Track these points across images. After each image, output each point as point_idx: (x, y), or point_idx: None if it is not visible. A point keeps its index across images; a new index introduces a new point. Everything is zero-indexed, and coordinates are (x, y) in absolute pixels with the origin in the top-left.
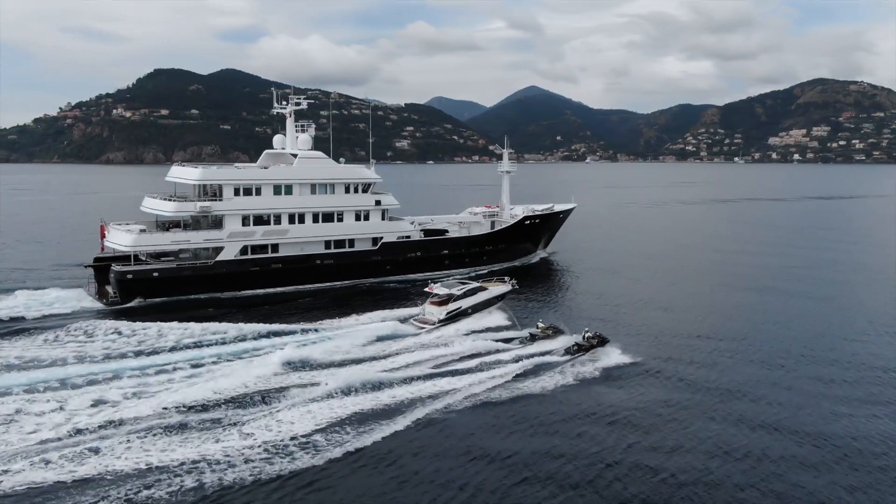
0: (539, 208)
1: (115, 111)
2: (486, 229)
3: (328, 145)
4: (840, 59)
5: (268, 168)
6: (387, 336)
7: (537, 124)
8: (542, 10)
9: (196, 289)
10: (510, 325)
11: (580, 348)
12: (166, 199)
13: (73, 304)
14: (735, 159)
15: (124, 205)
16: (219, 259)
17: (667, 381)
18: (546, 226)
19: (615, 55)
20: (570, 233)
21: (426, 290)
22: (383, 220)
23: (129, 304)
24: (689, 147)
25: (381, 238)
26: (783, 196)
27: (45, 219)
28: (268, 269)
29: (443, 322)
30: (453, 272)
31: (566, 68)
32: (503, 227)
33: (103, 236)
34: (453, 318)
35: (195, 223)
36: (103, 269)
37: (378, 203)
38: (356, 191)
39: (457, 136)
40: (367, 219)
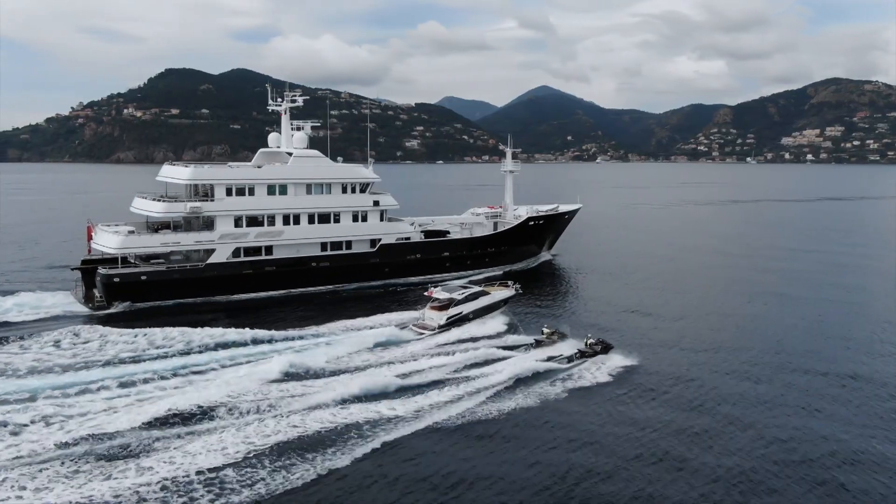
0: (543, 209)
1: (126, 111)
2: (489, 230)
3: (335, 144)
4: (855, 59)
5: (261, 167)
6: (384, 343)
7: (548, 124)
8: (553, 10)
9: (186, 292)
10: (513, 331)
11: (583, 355)
12: (156, 200)
13: (58, 308)
14: (747, 159)
15: (125, 204)
16: (210, 262)
17: (669, 393)
18: (550, 227)
19: (628, 55)
20: (576, 234)
21: (426, 294)
22: (382, 221)
23: (115, 308)
24: (701, 147)
25: (380, 240)
26: (798, 197)
27: (40, 219)
28: (261, 272)
29: (443, 328)
30: (454, 275)
31: (578, 68)
32: (506, 228)
33: (90, 238)
34: (454, 323)
35: (187, 224)
36: (91, 272)
37: (376, 203)
38: (353, 191)
39: (467, 136)
40: (364, 220)
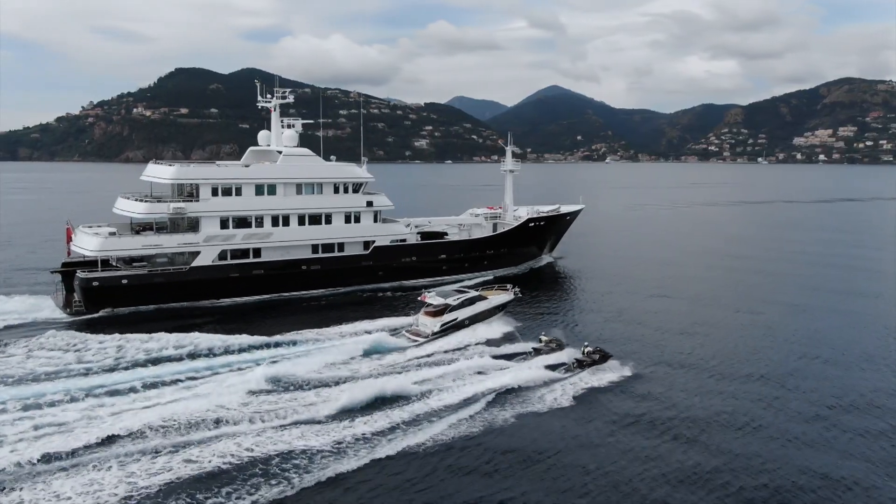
0: (544, 209)
1: (135, 110)
2: (488, 232)
3: (343, 144)
4: (868, 58)
5: (249, 166)
6: (374, 350)
7: (558, 124)
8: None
9: (170, 297)
10: (511, 339)
11: (580, 365)
12: (138, 200)
13: (35, 313)
14: (759, 160)
15: None
16: (194, 265)
17: (668, 409)
18: (552, 228)
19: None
20: (580, 236)
21: (419, 298)
22: (375, 222)
23: (95, 313)
24: (712, 147)
25: (374, 241)
26: (812, 198)
27: (33, 219)
28: (249, 276)
29: (437, 335)
30: (452, 278)
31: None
32: (506, 229)
33: (70, 240)
34: (449, 330)
35: (173, 226)
36: (72, 276)
37: (370, 204)
38: (346, 191)
39: (476, 136)
40: (357, 221)
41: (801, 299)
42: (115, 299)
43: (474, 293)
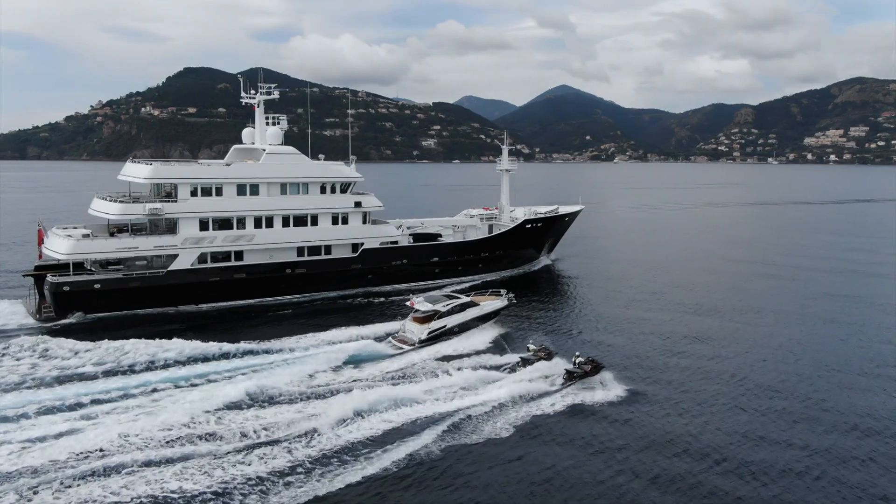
0: (542, 210)
1: (143, 109)
2: (484, 233)
3: (351, 144)
4: (880, 58)
5: (230, 165)
6: (357, 359)
7: (567, 123)
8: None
9: (146, 302)
10: (498, 348)
11: (571, 376)
12: (112, 200)
13: (3, 318)
14: (769, 160)
15: None
16: (172, 268)
17: (664, 432)
18: (550, 230)
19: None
20: (581, 237)
21: (407, 304)
22: (364, 223)
23: (65, 319)
24: (722, 147)
25: (362, 244)
26: (826, 199)
27: (11, 221)
28: (230, 280)
29: (424, 342)
30: (445, 282)
31: (598, 67)
32: (502, 231)
33: (41, 241)
34: (437, 337)
35: (153, 227)
36: (44, 280)
37: (358, 205)
38: (333, 191)
39: (484, 136)
40: (345, 222)
41: (811, 308)
42: (88, 305)
43: (465, 299)
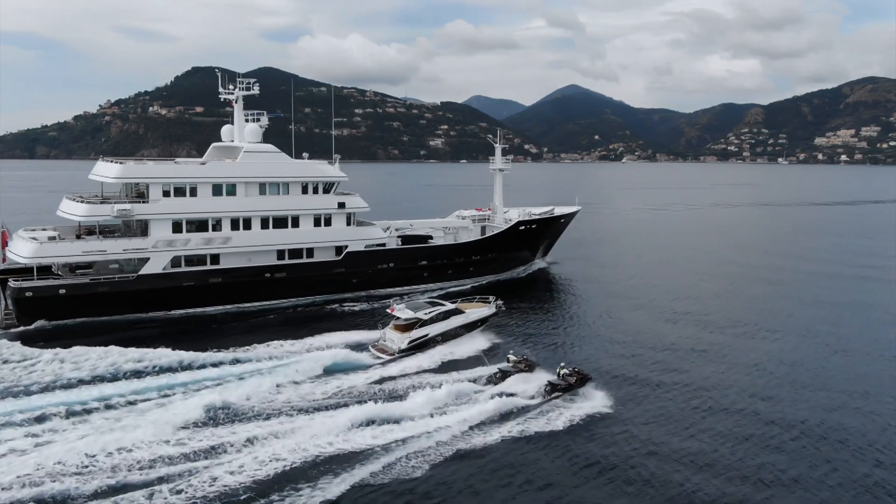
0: (537, 211)
1: (151, 108)
2: (476, 235)
3: (358, 143)
4: (892, 57)
5: (205, 164)
6: (334, 369)
7: (576, 123)
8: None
9: (114, 309)
10: (477, 360)
11: (554, 389)
12: (80, 201)
13: None
14: (779, 160)
15: None
16: (142, 272)
17: (649, 454)
18: (545, 232)
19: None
20: (580, 239)
21: (388, 310)
22: (349, 225)
23: (28, 326)
24: (732, 147)
25: (346, 246)
26: (841, 200)
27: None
28: (205, 285)
29: (404, 352)
30: (435, 286)
31: (607, 67)
32: (494, 232)
33: (5, 244)
34: (418, 347)
35: (126, 229)
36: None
37: (342, 205)
38: (315, 191)
39: (492, 135)
40: (328, 224)
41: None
42: (52, 311)
43: (449, 306)
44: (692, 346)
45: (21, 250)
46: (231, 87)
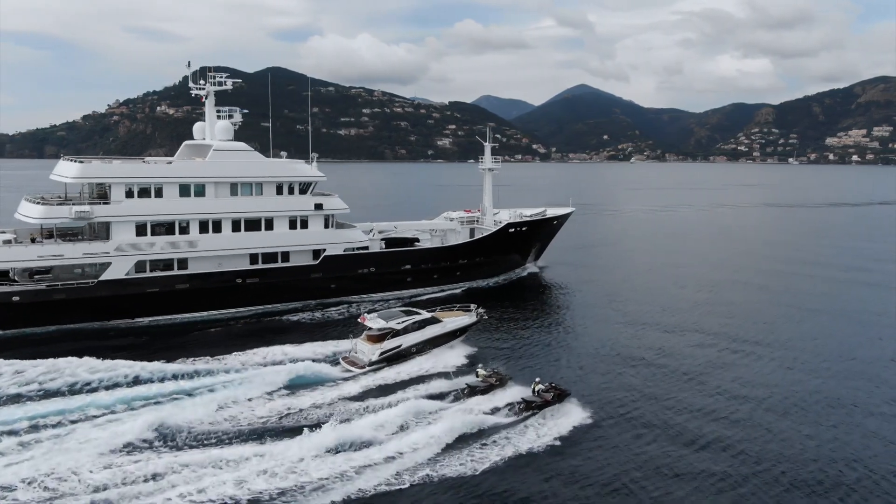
0: (528, 213)
1: (158, 108)
2: (465, 238)
3: (365, 143)
4: None
5: (171, 163)
6: (299, 382)
7: (585, 123)
8: (592, 8)
9: (73, 316)
10: (445, 375)
11: (528, 406)
12: (36, 202)
13: None
14: (790, 160)
15: None
16: (103, 278)
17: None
18: (536, 234)
19: (668, 53)
20: (579, 242)
21: (359, 320)
22: (327, 227)
23: None
24: (742, 147)
25: (324, 250)
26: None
27: None
28: (171, 291)
29: (375, 364)
30: (420, 291)
31: (617, 66)
32: (483, 235)
33: None
34: (390, 359)
35: (91, 232)
36: None
37: (319, 207)
38: (291, 192)
39: (500, 135)
40: (304, 226)
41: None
42: (6, 319)
43: (426, 315)
44: (679, 361)
45: None
46: (202, 81)
